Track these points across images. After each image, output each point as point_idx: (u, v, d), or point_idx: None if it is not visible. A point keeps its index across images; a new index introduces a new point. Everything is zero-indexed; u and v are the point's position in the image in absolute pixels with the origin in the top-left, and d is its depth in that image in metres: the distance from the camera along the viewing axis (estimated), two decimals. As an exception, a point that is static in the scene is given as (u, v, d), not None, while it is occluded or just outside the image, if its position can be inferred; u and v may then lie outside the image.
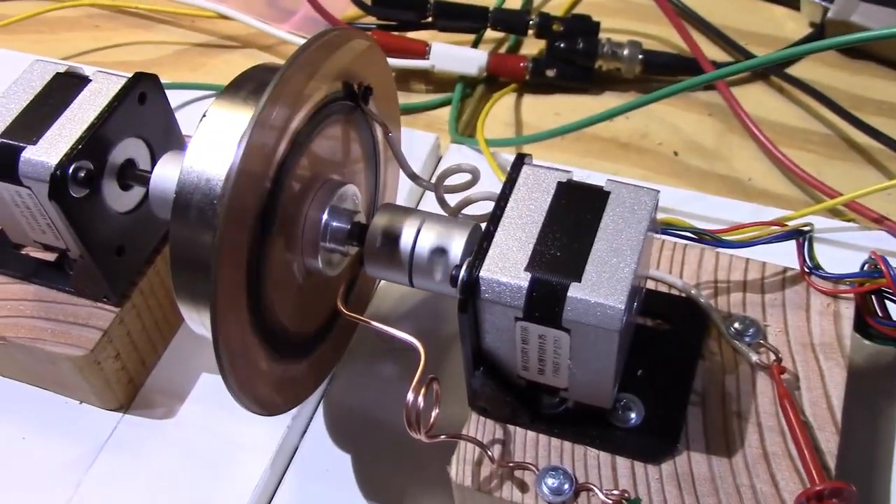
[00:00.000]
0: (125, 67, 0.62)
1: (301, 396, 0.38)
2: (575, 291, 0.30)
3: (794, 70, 0.57)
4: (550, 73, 0.57)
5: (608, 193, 0.33)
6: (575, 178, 0.34)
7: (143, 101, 0.39)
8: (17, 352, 0.41)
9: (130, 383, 0.43)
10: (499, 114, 0.57)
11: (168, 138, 0.41)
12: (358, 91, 0.37)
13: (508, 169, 0.34)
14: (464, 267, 0.32)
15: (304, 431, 0.42)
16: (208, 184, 0.32)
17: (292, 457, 0.42)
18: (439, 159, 0.54)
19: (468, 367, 0.34)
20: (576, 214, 0.33)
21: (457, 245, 0.35)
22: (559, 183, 0.33)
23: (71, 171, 0.36)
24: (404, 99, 0.58)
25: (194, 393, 0.43)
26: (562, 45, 0.56)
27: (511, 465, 0.34)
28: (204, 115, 0.33)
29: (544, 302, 0.31)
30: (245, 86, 0.34)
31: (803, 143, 0.54)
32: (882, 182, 0.47)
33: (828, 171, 0.52)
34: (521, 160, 0.34)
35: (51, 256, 0.42)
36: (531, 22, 0.57)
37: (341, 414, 0.43)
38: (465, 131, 0.56)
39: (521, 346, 0.32)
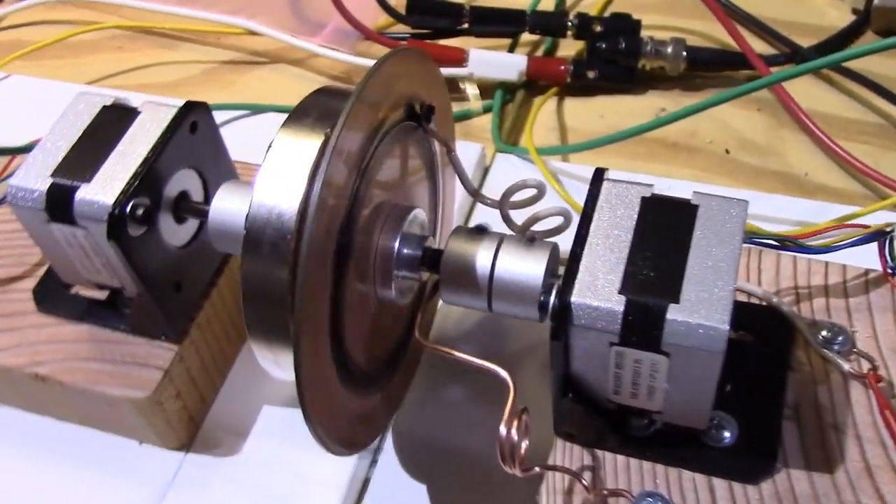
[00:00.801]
0: (152, 90, 0.61)
1: (377, 430, 0.37)
2: (674, 313, 0.29)
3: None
4: (592, 74, 0.55)
5: (696, 207, 0.32)
6: (657, 191, 0.33)
7: (195, 131, 0.38)
8: (74, 395, 0.40)
9: (191, 421, 0.41)
10: (541, 119, 0.55)
11: (219, 167, 0.40)
12: (421, 112, 0.36)
13: (560, 177, 0.33)
14: (553, 292, 0.30)
15: (374, 462, 0.41)
16: (280, 219, 0.31)
17: (363, 490, 0.40)
18: (486, 170, 0.52)
19: (556, 393, 0.33)
20: (665, 231, 0.31)
21: (538, 267, 0.33)
22: (643, 198, 0.32)
23: (129, 208, 0.35)
24: (443, 108, 0.57)
25: (256, 428, 0.42)
26: (603, 45, 0.55)
27: (605, 492, 0.33)
28: (270, 146, 0.32)
29: (641, 326, 0.29)
30: (310, 113, 0.33)
31: (857, 135, 0.52)
32: None
33: (885, 162, 0.50)
34: (600, 176, 0.33)
35: (102, 294, 0.41)
36: (570, 23, 0.56)
37: (411, 442, 0.41)
38: (508, 139, 0.54)
39: (613, 370, 0.31)
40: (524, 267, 0.33)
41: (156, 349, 0.40)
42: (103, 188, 0.35)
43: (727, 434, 0.34)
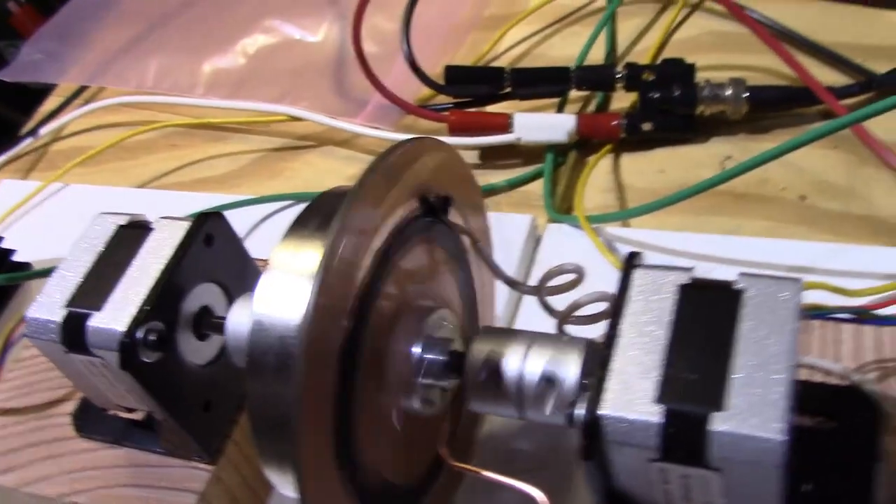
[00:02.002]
0: (205, 185, 0.60)
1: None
2: (720, 423, 0.25)
3: (926, 81, 0.51)
4: (647, 126, 0.52)
5: (740, 292, 0.28)
6: (699, 274, 0.29)
7: (211, 243, 0.37)
8: (114, 523, 0.38)
9: (238, 541, 0.39)
10: (596, 180, 0.52)
11: (244, 275, 0.38)
12: (435, 203, 0.33)
13: (615, 248, 0.29)
14: (581, 404, 0.27)
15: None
16: (281, 334, 0.28)
17: None
18: (537, 241, 0.49)
19: (600, 514, 0.29)
20: (706, 324, 0.27)
21: (572, 370, 0.30)
22: (680, 286, 0.28)
23: (141, 335, 0.33)
24: (491, 177, 0.54)
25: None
26: (656, 95, 0.51)
27: None
28: (268, 263, 0.30)
29: (683, 439, 0.26)
30: (311, 221, 0.31)
31: (950, 165, 0.47)
32: None
33: None
34: (630, 262, 0.30)
35: (138, 415, 0.39)
36: (618, 75, 0.52)
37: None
38: (562, 206, 0.51)
39: (661, 486, 0.27)
40: (555, 369, 0.30)
41: (191, 471, 0.38)
42: (115, 315, 0.34)
43: (809, 544, 0.29)
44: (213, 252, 0.37)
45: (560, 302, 0.34)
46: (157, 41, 0.67)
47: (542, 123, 0.53)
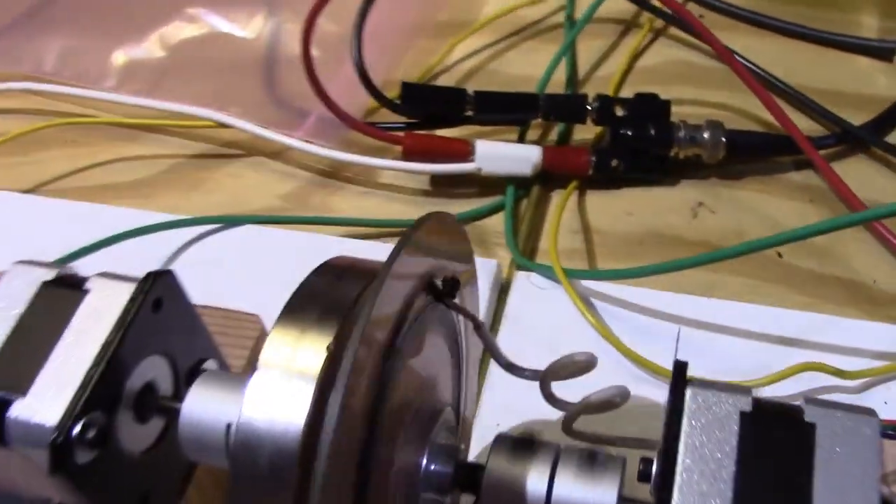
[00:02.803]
0: (111, 193, 0.53)
1: None
2: (806, 593, 0.22)
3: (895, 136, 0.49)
4: (617, 164, 0.48)
5: (813, 426, 0.24)
6: (761, 397, 0.25)
7: (159, 308, 0.31)
8: None
9: None
10: (553, 218, 0.48)
11: (192, 341, 0.33)
12: (443, 287, 0.28)
13: (592, 305, 0.25)
14: (639, 559, 0.23)
15: None
16: (281, 443, 0.23)
17: None
18: (502, 289, 0.45)
19: None
20: (777, 464, 0.24)
21: (608, 495, 0.26)
22: (743, 414, 0.25)
23: (77, 431, 0.27)
24: (448, 208, 0.50)
25: None
26: (629, 132, 0.48)
27: None
28: (256, 364, 0.25)
29: None
30: (309, 310, 0.26)
31: (926, 229, 0.46)
32: None
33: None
34: (681, 377, 0.26)
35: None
36: (589, 107, 0.48)
37: None
38: (526, 248, 0.47)
39: None
40: (589, 496, 0.26)
41: (123, 571, 0.32)
42: (43, 403, 0.28)
43: None
44: (161, 319, 0.31)
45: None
46: (60, 18, 0.58)
47: (506, 154, 0.49)
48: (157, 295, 0.30)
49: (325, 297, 0.26)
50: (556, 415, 0.38)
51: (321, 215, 0.50)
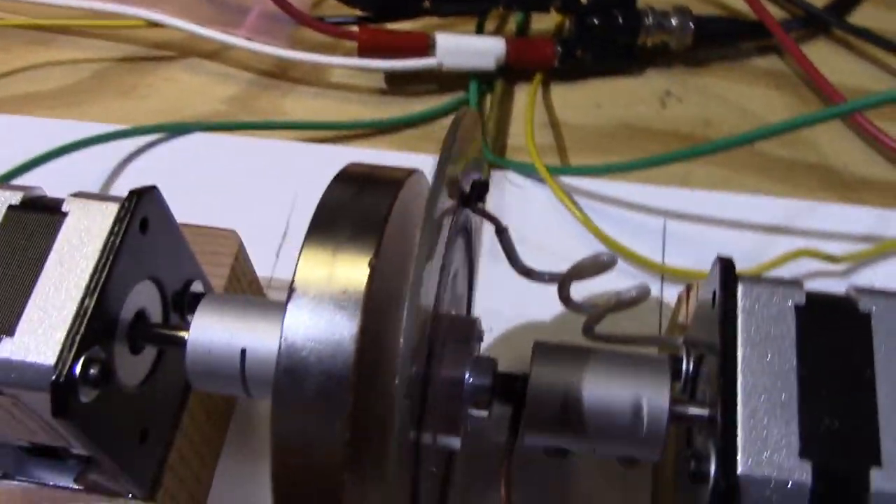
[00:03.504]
0: (32, 103, 0.48)
1: None
2: (880, 482, 0.22)
3: (857, 18, 0.49)
4: (583, 55, 0.46)
5: (868, 316, 0.24)
6: (810, 289, 0.25)
7: (146, 230, 0.28)
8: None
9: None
10: (526, 114, 0.46)
11: (179, 267, 0.30)
12: (471, 191, 0.26)
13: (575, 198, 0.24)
14: (711, 463, 0.22)
15: None
16: (331, 380, 0.22)
17: None
18: (476, 188, 0.43)
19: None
20: (838, 356, 0.24)
21: (662, 400, 0.25)
22: (797, 308, 0.24)
23: (79, 369, 0.25)
24: (403, 107, 0.47)
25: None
26: (595, 21, 0.46)
27: None
28: (292, 287, 0.23)
29: (835, 500, 0.22)
30: (339, 226, 0.23)
31: (892, 113, 0.46)
32: None
33: (927, 143, 0.44)
34: (729, 274, 0.25)
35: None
36: (554, -6, 0.46)
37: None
38: (495, 145, 0.45)
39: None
40: (640, 396, 0.25)
41: (122, 510, 0.30)
42: (35, 341, 0.25)
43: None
44: (148, 240, 0.28)
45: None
46: None
47: (468, 48, 0.46)
48: (143, 214, 0.28)
49: (353, 211, 0.24)
50: (545, 313, 0.38)
51: (273, 119, 0.47)
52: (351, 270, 0.22)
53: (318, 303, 0.22)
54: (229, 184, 0.43)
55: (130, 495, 0.30)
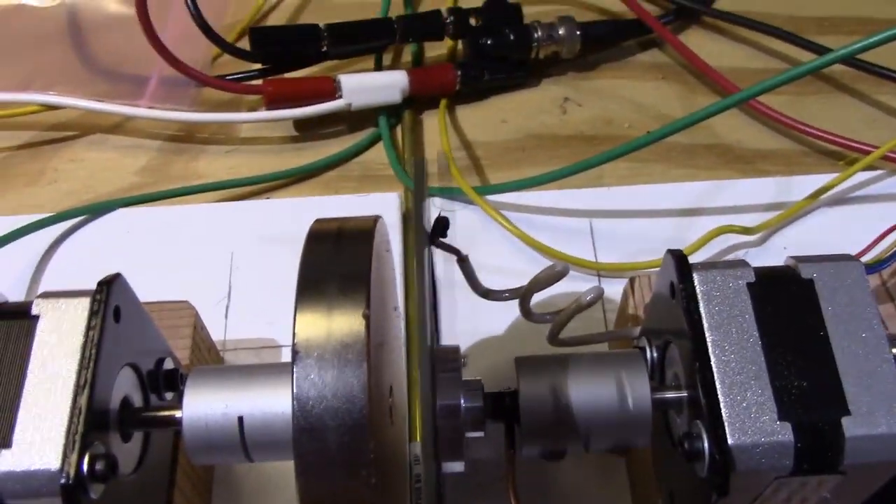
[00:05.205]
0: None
1: None
2: (851, 429, 0.24)
3: (723, 4, 0.53)
4: (482, 75, 0.49)
5: (811, 282, 0.27)
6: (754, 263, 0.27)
7: (118, 318, 0.28)
8: None
9: None
10: (438, 138, 0.48)
11: (150, 348, 0.30)
12: (435, 228, 0.28)
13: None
14: (703, 440, 0.24)
15: None
16: (348, 429, 0.23)
17: None
18: (404, 218, 0.45)
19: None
20: (792, 323, 0.26)
21: (643, 390, 0.27)
22: (749, 285, 0.27)
23: (86, 467, 0.25)
24: (315, 151, 0.48)
25: None
26: (488, 41, 0.48)
27: None
28: (296, 350, 0.23)
29: (816, 452, 0.24)
30: (327, 283, 0.24)
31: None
32: (863, 108, 0.47)
33: (805, 109, 0.48)
34: (682, 264, 0.27)
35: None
36: (447, 22, 0.48)
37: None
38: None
39: (767, 495, 0.26)
40: (626, 392, 0.27)
41: None
42: (35, 449, 0.25)
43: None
44: (123, 328, 0.28)
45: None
46: None
47: (372, 85, 0.47)
48: (116, 303, 0.28)
49: (337, 266, 0.25)
50: (503, 328, 0.39)
51: (191, 185, 0.47)
52: (348, 324, 0.23)
53: (322, 360, 0.23)
54: (163, 254, 0.43)
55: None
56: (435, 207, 0.44)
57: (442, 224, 0.27)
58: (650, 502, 0.32)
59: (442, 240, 0.28)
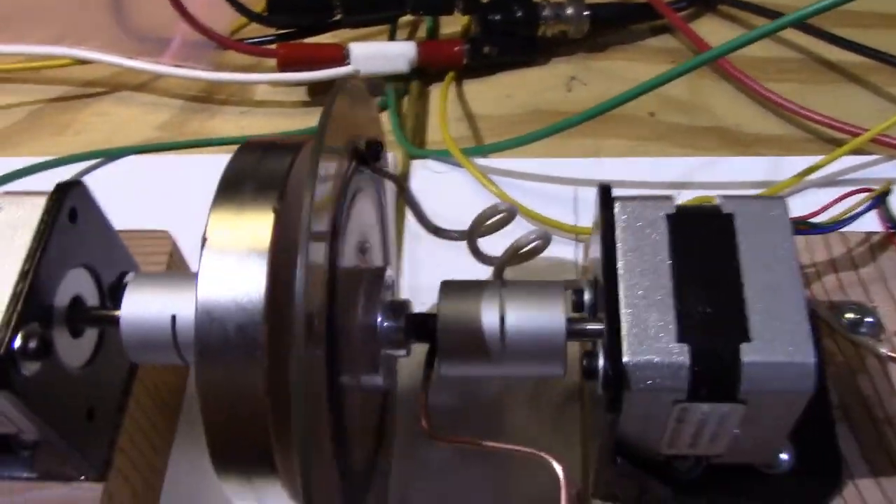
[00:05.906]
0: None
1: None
2: (749, 355, 0.24)
3: (738, -7, 0.53)
4: (490, 50, 0.50)
5: (731, 216, 0.27)
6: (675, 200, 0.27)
7: (75, 219, 0.30)
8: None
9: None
10: (440, 103, 0.49)
11: (111, 256, 0.32)
12: (367, 150, 0.29)
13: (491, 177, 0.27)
14: (598, 354, 0.25)
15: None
16: (244, 320, 0.24)
17: None
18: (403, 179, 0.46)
19: (604, 461, 0.28)
20: (706, 253, 0.26)
21: (558, 316, 0.27)
22: (668, 216, 0.27)
23: (18, 342, 0.26)
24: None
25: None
26: (497, 17, 0.49)
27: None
28: (205, 233, 0.25)
29: (713, 376, 0.24)
30: (245, 183, 0.26)
31: (777, 73, 0.49)
32: (870, 97, 0.46)
33: (812, 97, 0.47)
34: (607, 196, 0.28)
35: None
36: (456, -3, 0.49)
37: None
38: (415, 140, 0.48)
39: (673, 426, 0.26)
40: (540, 319, 0.28)
41: (76, 492, 0.31)
42: (-25, 322, 0.27)
43: (784, 457, 0.29)
44: (79, 229, 0.30)
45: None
46: None
47: (381, 53, 0.49)
48: (72, 205, 0.30)
49: (256, 172, 0.26)
50: (449, 271, 0.40)
51: (201, 138, 0.49)
52: (256, 220, 0.25)
53: (229, 249, 0.24)
54: (166, 199, 0.45)
55: (84, 478, 0.32)
56: (429, 170, 0.45)
57: (373, 146, 0.28)
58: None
59: (379, 165, 0.29)
